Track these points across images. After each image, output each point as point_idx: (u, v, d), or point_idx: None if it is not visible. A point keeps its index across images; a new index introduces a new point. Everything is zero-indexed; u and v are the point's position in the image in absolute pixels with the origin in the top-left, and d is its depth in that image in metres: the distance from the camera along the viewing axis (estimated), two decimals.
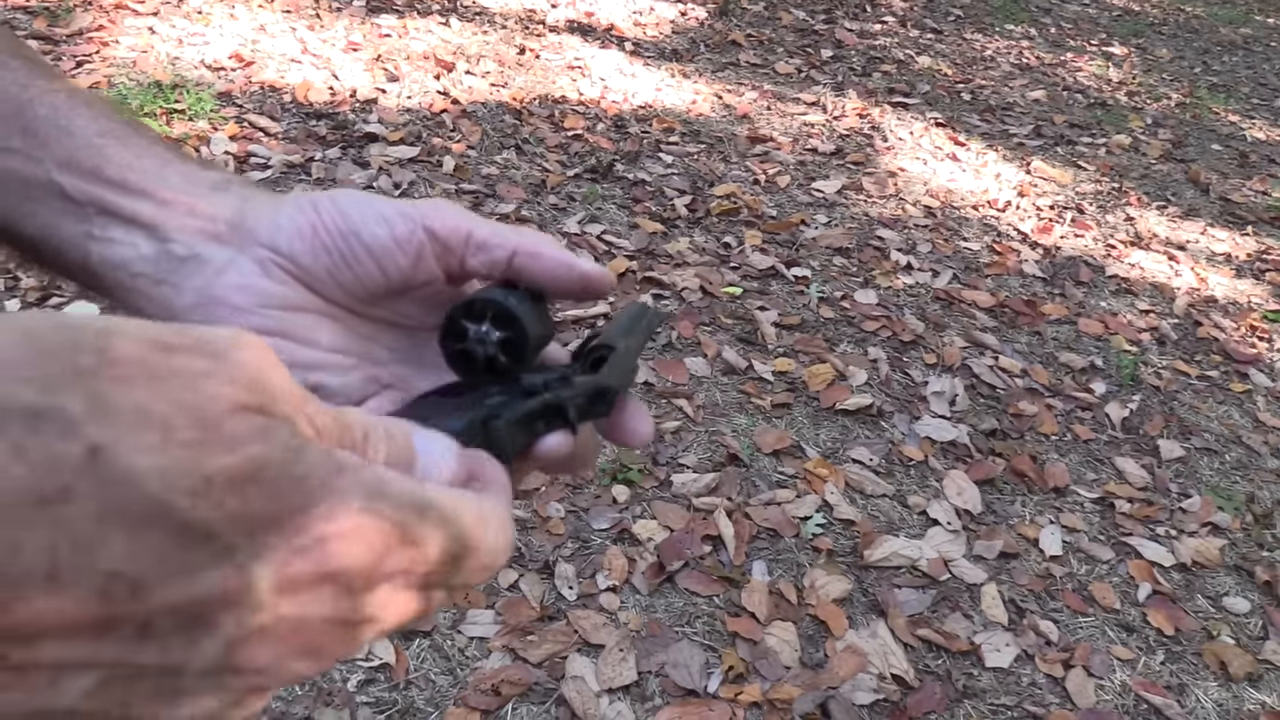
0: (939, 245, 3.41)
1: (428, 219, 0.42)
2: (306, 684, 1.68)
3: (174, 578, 0.23)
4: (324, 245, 0.42)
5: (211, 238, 0.42)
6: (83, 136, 0.42)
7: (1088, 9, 6.75)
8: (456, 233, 0.42)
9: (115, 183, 0.42)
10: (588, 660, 1.80)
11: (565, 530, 2.05)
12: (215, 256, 0.41)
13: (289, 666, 0.27)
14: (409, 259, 0.42)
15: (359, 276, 0.42)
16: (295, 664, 0.27)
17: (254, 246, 0.42)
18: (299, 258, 0.42)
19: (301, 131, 3.20)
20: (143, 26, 3.59)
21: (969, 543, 2.22)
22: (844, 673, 1.87)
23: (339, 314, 0.44)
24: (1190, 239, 3.85)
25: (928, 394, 2.65)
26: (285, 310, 0.42)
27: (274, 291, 0.42)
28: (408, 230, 0.42)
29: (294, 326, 0.42)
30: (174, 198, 0.42)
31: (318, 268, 0.42)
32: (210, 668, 0.25)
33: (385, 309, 0.45)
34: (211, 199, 0.42)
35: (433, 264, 0.43)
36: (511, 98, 3.73)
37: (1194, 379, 3.00)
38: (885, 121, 4.28)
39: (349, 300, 0.43)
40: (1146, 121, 4.93)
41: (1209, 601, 2.22)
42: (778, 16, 5.22)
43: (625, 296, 2.76)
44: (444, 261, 0.43)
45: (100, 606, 0.23)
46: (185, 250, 0.41)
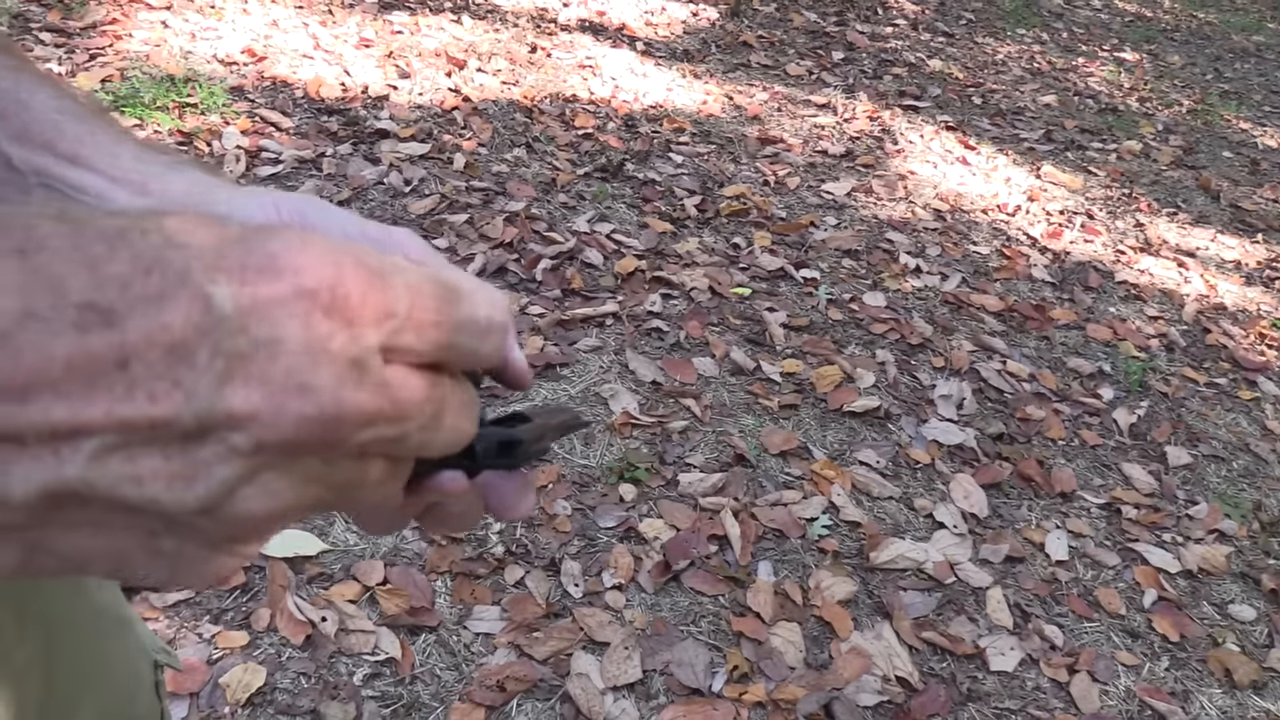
0: (948, 249, 3.41)
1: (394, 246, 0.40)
2: (312, 677, 1.68)
3: (140, 305, 0.24)
4: None
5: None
6: (40, 110, 0.41)
7: (1100, 14, 6.74)
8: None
9: (66, 156, 0.41)
10: (593, 658, 1.81)
11: (572, 528, 2.05)
12: None
13: (284, 405, 0.25)
14: None
15: None
16: (291, 402, 0.25)
17: None
18: None
19: (313, 127, 3.21)
20: (156, 20, 3.60)
21: (975, 546, 2.22)
22: (848, 674, 1.87)
23: None
24: (1200, 246, 3.84)
25: (935, 397, 2.65)
26: None
27: None
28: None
29: None
30: (124, 174, 0.41)
31: None
32: (205, 416, 0.24)
33: None
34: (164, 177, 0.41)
35: None
36: (523, 96, 3.73)
37: (1202, 386, 3.00)
38: (896, 124, 4.28)
39: None
40: (1157, 128, 4.92)
41: (1215, 608, 2.22)
42: (789, 18, 5.22)
43: (635, 296, 2.76)
44: None
45: (78, 341, 0.23)
46: None
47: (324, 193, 2.89)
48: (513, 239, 2.86)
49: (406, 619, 1.80)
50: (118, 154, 0.42)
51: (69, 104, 0.42)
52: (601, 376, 2.46)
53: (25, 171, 0.41)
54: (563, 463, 2.20)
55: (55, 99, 0.42)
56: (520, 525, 2.03)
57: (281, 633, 1.74)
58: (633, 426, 2.33)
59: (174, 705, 1.59)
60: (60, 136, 0.41)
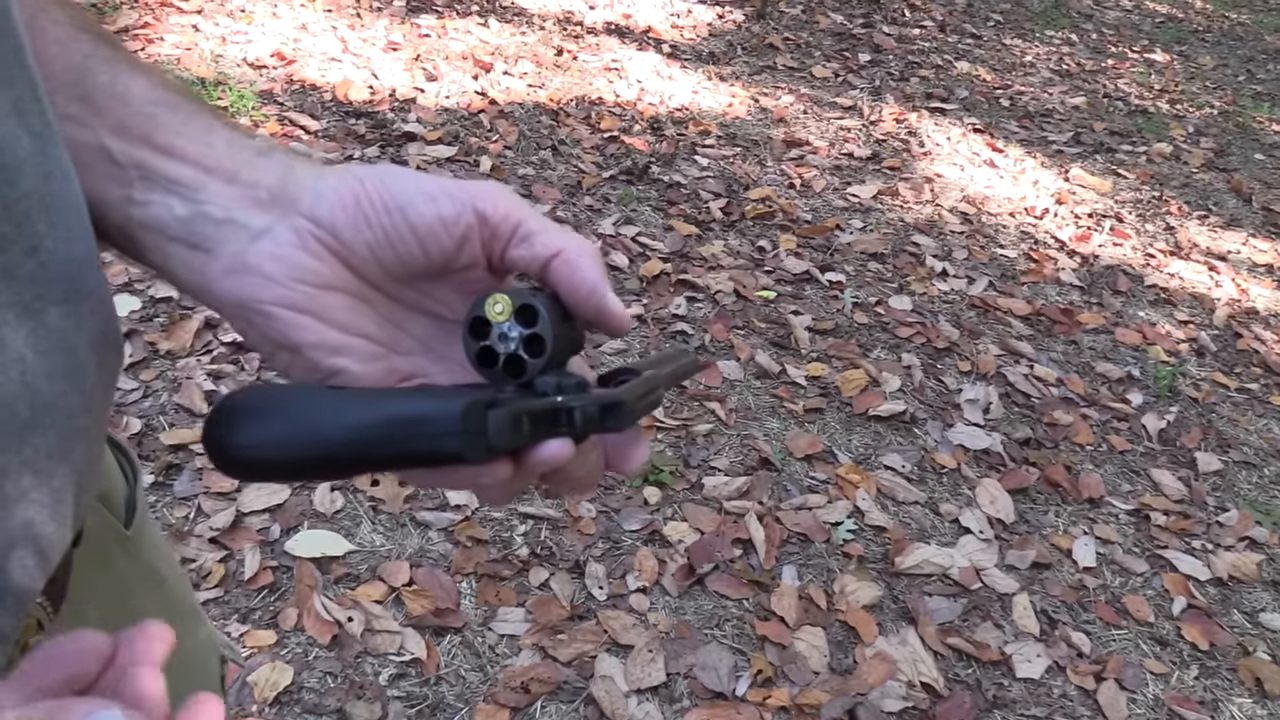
0: (975, 252, 3.39)
1: (478, 201, 0.41)
2: (338, 677, 1.70)
3: None
4: (366, 219, 0.40)
5: (251, 203, 0.41)
6: (136, 104, 0.42)
7: (1130, 15, 6.68)
8: (507, 220, 0.41)
9: (161, 148, 0.41)
10: (617, 660, 1.81)
11: (596, 530, 2.05)
12: (252, 222, 0.41)
13: None
14: (454, 240, 0.41)
15: (400, 254, 0.41)
16: None
17: (294, 215, 0.41)
18: (339, 230, 0.41)
19: (341, 130, 3.23)
20: (187, 24, 3.64)
21: (1001, 552, 2.21)
22: (873, 679, 1.86)
23: (371, 295, 0.43)
24: (1231, 249, 3.80)
25: (961, 401, 2.63)
26: (317, 288, 0.41)
27: (308, 266, 0.41)
28: (455, 211, 0.41)
29: (324, 306, 0.41)
30: (217, 163, 0.41)
31: (358, 242, 0.41)
32: None
33: (419, 291, 0.44)
34: (254, 164, 0.42)
35: (477, 248, 0.41)
36: (549, 99, 3.75)
37: (1233, 391, 2.96)
38: (922, 127, 4.26)
39: (384, 279, 0.42)
40: (1188, 130, 4.87)
41: (1245, 617, 2.19)
42: (815, 20, 5.21)
43: (659, 298, 2.77)
44: (489, 247, 0.42)
45: None
46: (221, 213, 0.41)
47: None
48: None
49: (432, 620, 1.81)
50: (210, 143, 0.42)
51: (163, 93, 0.43)
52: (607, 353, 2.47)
53: (125, 165, 0.41)
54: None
55: (150, 89, 0.43)
56: (545, 527, 2.04)
57: (309, 632, 1.75)
58: (657, 430, 2.33)
59: None
60: (156, 128, 0.42)
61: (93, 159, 0.42)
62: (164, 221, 0.41)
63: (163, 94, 0.43)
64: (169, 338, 2.28)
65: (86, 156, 0.42)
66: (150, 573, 0.59)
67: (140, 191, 0.41)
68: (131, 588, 0.56)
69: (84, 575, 0.49)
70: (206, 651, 0.69)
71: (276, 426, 0.35)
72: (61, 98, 0.42)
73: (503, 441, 0.36)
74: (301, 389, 0.39)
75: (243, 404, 0.35)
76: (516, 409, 0.37)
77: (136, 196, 0.41)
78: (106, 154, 0.41)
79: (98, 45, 0.43)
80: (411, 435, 0.35)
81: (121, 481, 0.57)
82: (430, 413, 0.35)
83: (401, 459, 0.36)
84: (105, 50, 0.43)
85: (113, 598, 0.54)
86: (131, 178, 0.41)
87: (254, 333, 0.41)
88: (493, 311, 0.41)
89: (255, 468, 0.35)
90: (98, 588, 0.52)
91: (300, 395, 0.37)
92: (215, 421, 0.35)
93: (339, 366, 0.42)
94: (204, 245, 0.41)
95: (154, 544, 0.60)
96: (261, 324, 0.41)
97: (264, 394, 0.36)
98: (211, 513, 1.92)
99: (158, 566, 0.61)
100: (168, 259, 0.42)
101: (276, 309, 0.40)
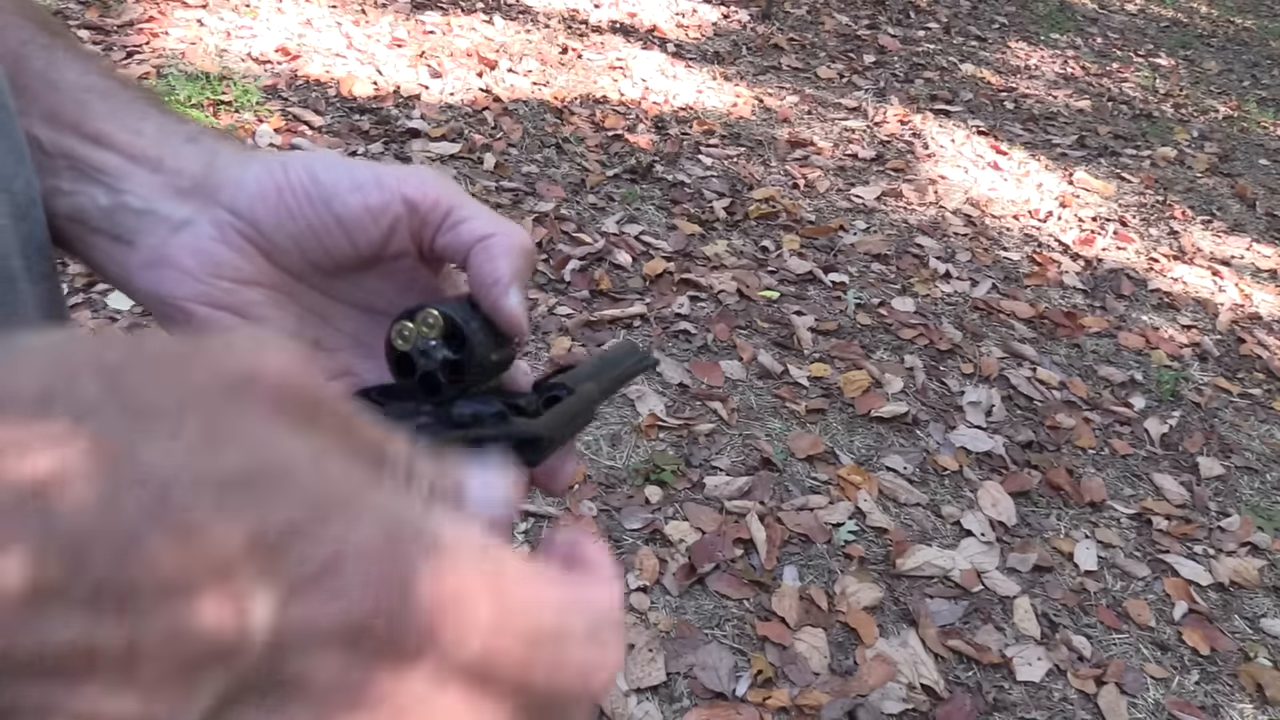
0: (978, 254, 3.38)
1: (406, 188, 0.39)
2: None
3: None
4: (289, 210, 0.39)
5: (174, 193, 0.39)
6: (69, 90, 0.41)
7: (1135, 19, 6.68)
8: (436, 206, 0.39)
9: (90, 135, 0.40)
10: None
11: (597, 529, 2.05)
12: (173, 213, 0.39)
13: None
14: (381, 230, 0.39)
15: (325, 246, 0.39)
16: None
17: (214, 207, 0.39)
18: (261, 223, 0.39)
19: (345, 125, 3.23)
20: (192, 19, 3.63)
21: (1002, 555, 2.20)
22: (873, 681, 1.86)
23: (295, 289, 0.41)
24: (1235, 254, 3.79)
25: (964, 404, 2.63)
26: (237, 283, 0.39)
27: (228, 261, 0.39)
28: (383, 200, 0.38)
29: (244, 302, 0.39)
30: (143, 151, 0.40)
31: (280, 235, 0.39)
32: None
33: (348, 282, 0.42)
34: (180, 152, 0.40)
35: (405, 237, 0.39)
36: (553, 96, 3.74)
37: (1235, 396, 2.96)
38: (927, 128, 4.25)
39: (310, 272, 0.40)
40: (1193, 134, 4.87)
41: (1246, 622, 2.19)
42: (820, 21, 5.21)
43: (663, 298, 2.76)
44: (418, 235, 0.40)
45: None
46: (142, 203, 0.39)
47: None
48: (542, 240, 2.86)
49: None
50: (140, 130, 0.40)
51: (97, 79, 0.41)
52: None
53: (53, 154, 0.40)
54: (589, 464, 2.20)
55: (83, 75, 0.41)
56: (545, 525, 2.04)
57: None
58: (659, 429, 2.33)
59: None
60: (86, 116, 0.40)
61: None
62: (87, 212, 0.40)
63: (97, 80, 0.41)
64: None
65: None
66: None
67: (67, 181, 0.40)
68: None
69: None
70: None
71: None
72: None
73: None
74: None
75: None
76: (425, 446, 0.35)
77: (64, 186, 0.40)
78: (37, 143, 0.40)
79: (36, 32, 0.42)
80: None
81: None
82: None
83: None
84: (43, 37, 0.42)
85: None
86: (59, 167, 0.40)
87: (175, 329, 0.40)
88: (423, 324, 0.38)
89: None
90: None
91: None
92: None
93: None
94: (125, 237, 0.39)
95: None
96: (181, 321, 0.39)
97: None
98: None
99: None
100: (91, 250, 0.40)
101: (195, 305, 0.39)
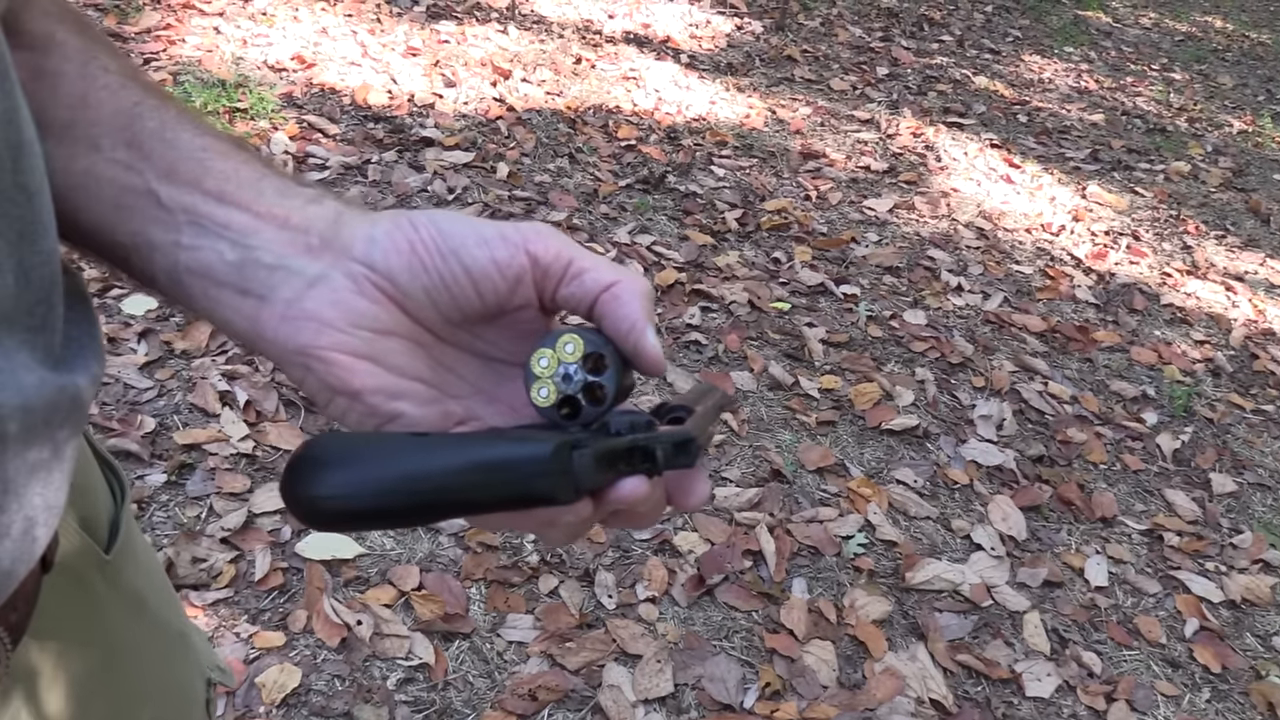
0: (990, 267, 3.38)
1: (530, 243, 0.41)
2: (346, 680, 1.70)
3: None
4: (422, 264, 0.41)
5: (304, 249, 0.41)
6: (186, 149, 0.42)
7: (1149, 33, 6.67)
8: (559, 259, 0.41)
9: (212, 193, 0.42)
10: (625, 670, 1.80)
11: (606, 539, 2.05)
12: (306, 269, 0.41)
13: None
14: (508, 283, 0.41)
15: (455, 298, 0.41)
16: None
17: (348, 261, 0.41)
18: (396, 275, 0.41)
19: (359, 134, 3.24)
20: (209, 26, 3.66)
21: (1012, 569, 2.20)
22: (881, 695, 1.85)
23: (425, 339, 0.43)
24: (1249, 270, 3.78)
25: (975, 417, 2.62)
26: (376, 333, 0.41)
27: (366, 311, 0.41)
28: (509, 254, 0.41)
29: (382, 350, 0.41)
30: (268, 209, 0.42)
31: (414, 287, 0.41)
32: None
33: (472, 334, 0.44)
34: (305, 211, 0.42)
35: (530, 289, 0.42)
36: (566, 106, 3.75)
37: (1249, 412, 2.94)
38: (939, 141, 4.25)
39: (439, 323, 0.43)
40: (1207, 149, 4.85)
41: (1258, 640, 2.17)
42: (834, 33, 5.21)
43: (674, 308, 2.77)
44: (541, 287, 0.42)
45: None
46: (273, 259, 0.41)
47: (368, 199, 2.92)
48: None
49: (441, 625, 1.81)
50: (261, 190, 0.42)
51: (212, 141, 0.43)
52: (638, 389, 2.46)
53: (173, 209, 0.41)
54: None
55: (199, 136, 0.43)
56: None
57: (317, 634, 1.75)
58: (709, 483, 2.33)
59: None
60: (206, 174, 0.42)
61: (140, 203, 0.42)
62: (213, 267, 0.41)
63: (213, 141, 0.43)
64: (184, 337, 2.29)
65: (133, 200, 0.42)
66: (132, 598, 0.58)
67: (189, 236, 0.41)
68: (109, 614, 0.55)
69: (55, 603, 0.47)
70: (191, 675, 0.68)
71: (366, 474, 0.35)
72: (109, 141, 0.42)
73: (588, 481, 0.37)
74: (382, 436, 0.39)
75: (323, 453, 0.35)
76: (600, 449, 0.37)
77: (185, 241, 0.41)
78: (154, 198, 0.42)
79: (146, 94, 0.44)
80: (502, 479, 0.35)
81: (108, 502, 0.56)
82: (518, 455, 0.36)
83: (490, 502, 0.36)
84: (154, 99, 0.44)
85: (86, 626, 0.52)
86: (180, 222, 0.41)
87: (312, 379, 0.41)
88: (563, 350, 0.41)
89: (345, 517, 0.35)
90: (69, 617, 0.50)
91: (385, 442, 0.37)
92: (297, 472, 0.35)
93: (398, 411, 0.42)
94: (256, 291, 0.41)
95: (138, 566, 0.59)
96: (320, 370, 0.41)
97: (344, 441, 0.36)
98: (223, 513, 1.92)
99: (140, 591, 0.59)
100: (216, 305, 0.42)
101: (335, 354, 0.40)
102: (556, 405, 0.41)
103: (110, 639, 0.55)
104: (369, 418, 0.42)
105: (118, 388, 2.15)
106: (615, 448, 0.38)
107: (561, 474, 0.35)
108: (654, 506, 0.42)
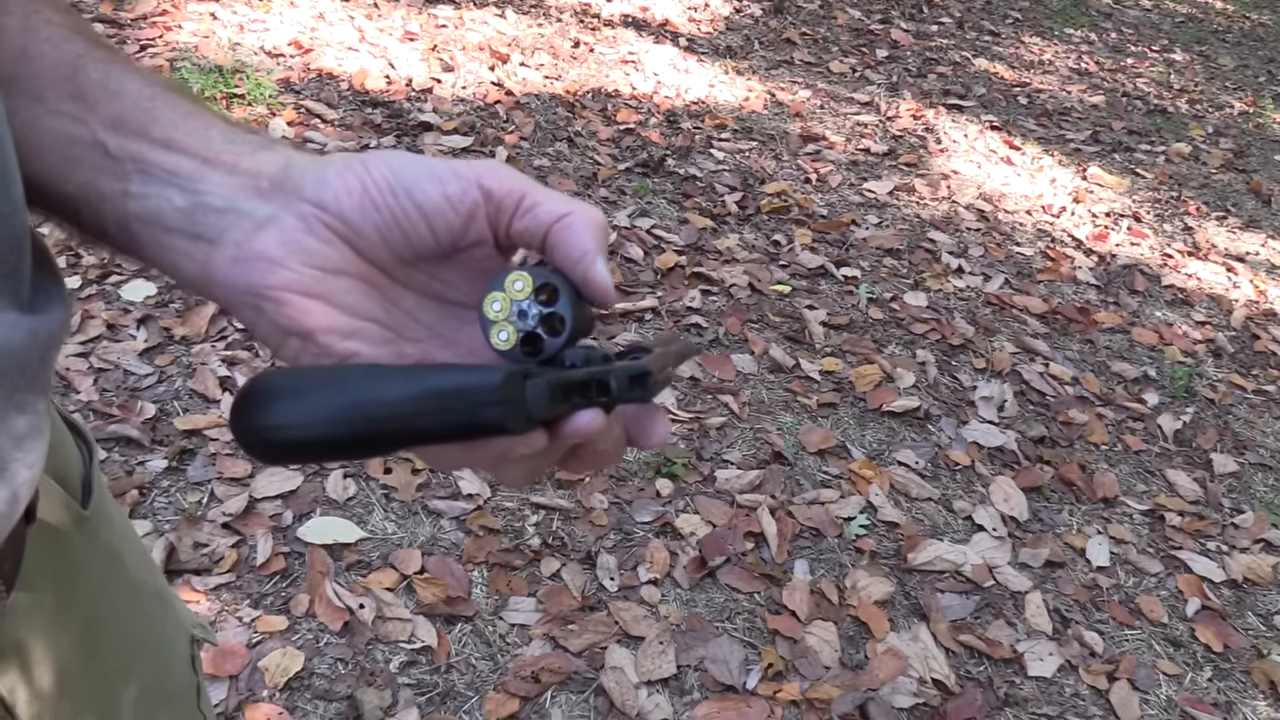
0: (991, 249, 3.37)
1: (483, 178, 0.41)
2: (349, 664, 1.70)
3: None
4: (373, 202, 0.41)
5: (254, 192, 0.41)
6: (132, 99, 0.42)
7: (1150, 14, 6.64)
8: (511, 193, 0.41)
9: (159, 141, 0.41)
10: (627, 652, 1.81)
11: (608, 521, 2.05)
12: (256, 211, 0.41)
13: None
14: (460, 218, 0.41)
15: (408, 236, 0.41)
16: None
17: (299, 202, 0.41)
18: (347, 215, 0.41)
19: (357, 119, 3.23)
20: (205, 12, 3.64)
21: (1014, 550, 2.20)
22: (884, 675, 1.85)
23: (378, 279, 0.43)
24: (1250, 250, 3.77)
25: (976, 399, 2.62)
26: (327, 272, 0.41)
27: (316, 250, 0.41)
28: (460, 189, 0.41)
29: (334, 290, 0.41)
30: (216, 155, 0.41)
31: (366, 225, 0.41)
32: None
33: (425, 274, 0.44)
34: (255, 156, 0.42)
35: (483, 224, 0.42)
36: (565, 90, 3.74)
37: (1250, 393, 2.94)
38: (939, 123, 4.24)
39: (392, 262, 0.42)
40: (1207, 130, 4.84)
41: (1260, 619, 2.18)
42: (833, 15, 5.19)
43: (674, 291, 2.76)
44: (495, 222, 0.42)
45: None
46: (223, 203, 0.41)
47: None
48: None
49: (443, 608, 1.81)
50: (210, 136, 0.42)
51: (160, 90, 0.43)
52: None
53: (121, 158, 0.41)
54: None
55: (146, 86, 0.43)
56: (557, 518, 2.04)
57: (320, 618, 1.75)
58: (670, 422, 2.33)
59: (213, 687, 1.61)
60: (154, 122, 0.42)
61: (87, 154, 0.41)
62: (162, 213, 0.41)
63: (159, 90, 0.43)
64: (184, 323, 2.29)
65: (80, 152, 0.41)
66: (109, 554, 0.58)
67: (138, 185, 0.41)
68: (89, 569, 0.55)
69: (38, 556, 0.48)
70: (173, 632, 0.68)
71: (319, 403, 0.35)
72: (54, 94, 0.42)
73: (540, 411, 0.36)
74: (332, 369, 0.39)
75: (271, 385, 0.35)
76: (553, 379, 0.37)
77: (134, 190, 0.41)
78: (102, 148, 0.41)
79: (91, 46, 0.44)
80: (453, 406, 0.35)
81: (78, 461, 0.56)
82: (470, 384, 0.35)
83: (442, 430, 0.36)
84: (99, 52, 0.44)
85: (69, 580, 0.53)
86: (128, 171, 0.41)
87: (264, 320, 0.41)
88: (512, 289, 0.41)
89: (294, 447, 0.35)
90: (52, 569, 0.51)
91: (334, 373, 0.37)
92: (246, 404, 0.35)
93: (351, 350, 0.41)
94: (206, 235, 0.41)
95: (113, 525, 0.60)
96: (271, 310, 0.41)
97: (293, 374, 0.36)
98: (224, 498, 1.92)
99: (117, 547, 0.60)
100: (166, 251, 0.42)
101: (286, 293, 0.40)
102: (519, 345, 0.41)
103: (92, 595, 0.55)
104: (322, 358, 0.41)
105: (118, 374, 2.14)
106: (570, 379, 0.38)
107: (513, 402, 0.35)
108: (613, 444, 0.42)
